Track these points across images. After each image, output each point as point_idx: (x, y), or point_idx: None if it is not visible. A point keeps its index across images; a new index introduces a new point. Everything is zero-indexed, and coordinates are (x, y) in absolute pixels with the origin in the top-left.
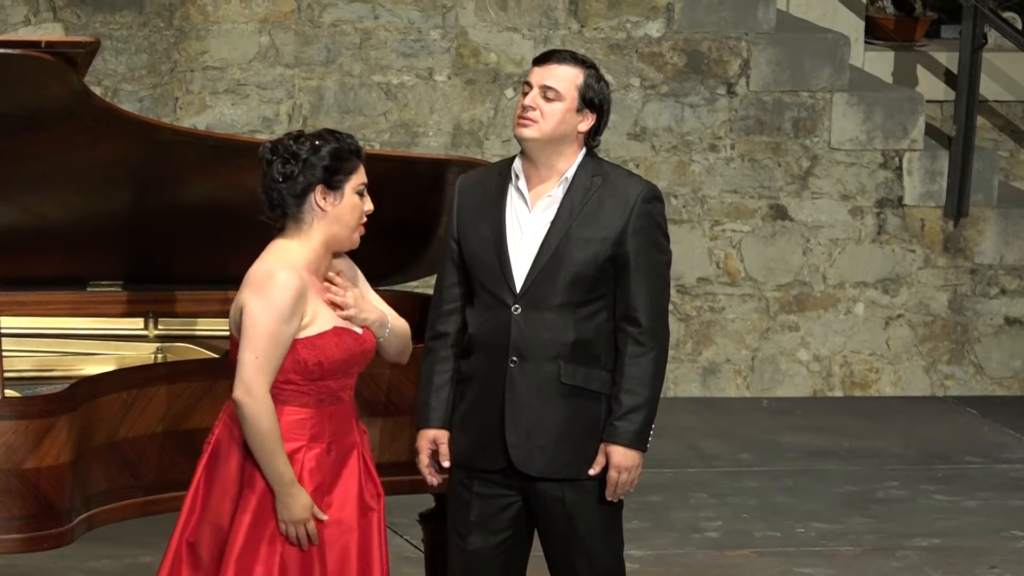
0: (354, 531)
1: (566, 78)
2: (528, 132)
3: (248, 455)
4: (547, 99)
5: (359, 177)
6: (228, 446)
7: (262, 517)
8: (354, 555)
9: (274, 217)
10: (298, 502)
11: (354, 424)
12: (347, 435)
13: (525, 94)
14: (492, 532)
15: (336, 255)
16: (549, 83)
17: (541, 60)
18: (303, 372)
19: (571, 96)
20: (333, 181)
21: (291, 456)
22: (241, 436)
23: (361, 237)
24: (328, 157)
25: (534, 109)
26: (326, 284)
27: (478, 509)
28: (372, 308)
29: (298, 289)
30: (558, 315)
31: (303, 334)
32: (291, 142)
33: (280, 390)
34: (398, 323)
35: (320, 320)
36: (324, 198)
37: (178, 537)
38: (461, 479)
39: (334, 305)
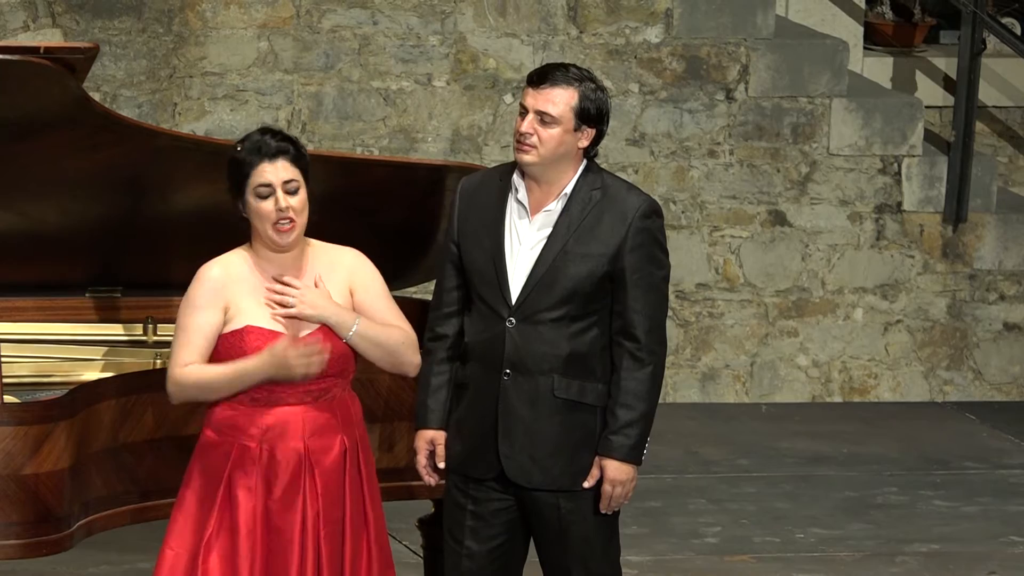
0: (295, 541)
1: (561, 101)
2: (528, 158)
3: (201, 457)
4: (544, 123)
5: (257, 178)
6: (203, 449)
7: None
8: (294, 563)
9: (245, 222)
10: (280, 365)
11: (303, 433)
12: (292, 439)
13: (521, 115)
14: (487, 537)
15: (325, 250)
16: (544, 108)
17: (535, 81)
18: None
19: (567, 118)
20: (235, 189)
21: (218, 446)
22: (216, 439)
23: (358, 242)
24: (229, 166)
25: (532, 135)
26: (273, 281)
27: (473, 514)
28: (326, 307)
29: (213, 281)
30: (553, 329)
31: (224, 330)
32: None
33: None
34: (373, 329)
35: (238, 318)
36: (239, 205)
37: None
38: (456, 483)
39: (278, 305)
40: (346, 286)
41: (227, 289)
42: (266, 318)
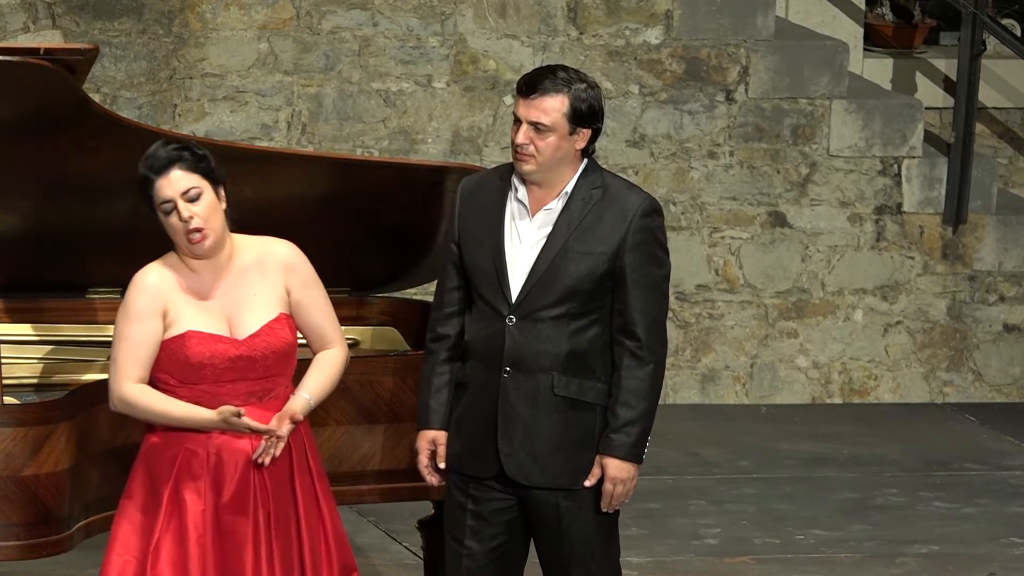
0: (248, 543)
1: (552, 109)
2: (528, 168)
3: (145, 461)
4: (538, 132)
5: (159, 196)
6: (148, 453)
7: (128, 504)
8: (248, 565)
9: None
10: (213, 421)
11: (250, 434)
12: (238, 439)
13: (515, 125)
14: (487, 537)
15: (269, 248)
16: (537, 119)
17: (525, 91)
18: (171, 373)
19: (561, 124)
20: (149, 209)
21: (163, 451)
22: (161, 443)
23: (358, 244)
24: (138, 187)
25: (528, 145)
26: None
27: (473, 514)
28: (293, 415)
29: (151, 288)
30: (552, 327)
31: (164, 336)
32: None
33: (158, 389)
34: (322, 387)
35: (179, 323)
36: (156, 219)
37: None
38: (457, 483)
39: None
40: (281, 283)
41: (164, 295)
42: (205, 321)
